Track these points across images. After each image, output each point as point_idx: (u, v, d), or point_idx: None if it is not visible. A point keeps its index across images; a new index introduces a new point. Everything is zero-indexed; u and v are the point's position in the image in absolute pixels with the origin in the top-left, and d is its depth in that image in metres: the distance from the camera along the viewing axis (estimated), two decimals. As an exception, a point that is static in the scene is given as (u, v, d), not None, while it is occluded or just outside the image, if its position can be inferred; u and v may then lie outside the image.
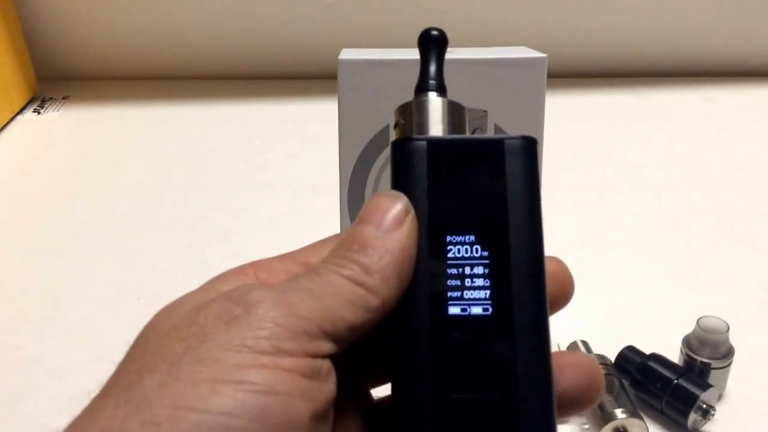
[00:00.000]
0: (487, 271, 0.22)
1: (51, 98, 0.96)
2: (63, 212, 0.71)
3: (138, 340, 0.21)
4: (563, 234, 0.65)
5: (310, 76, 0.97)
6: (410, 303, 0.22)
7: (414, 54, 0.46)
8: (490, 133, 0.46)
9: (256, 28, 0.97)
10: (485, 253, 0.22)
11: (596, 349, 0.48)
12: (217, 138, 0.86)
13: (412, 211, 0.23)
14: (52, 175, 0.79)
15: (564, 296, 0.24)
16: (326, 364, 0.21)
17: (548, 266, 0.23)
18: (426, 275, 0.22)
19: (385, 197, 0.23)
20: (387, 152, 0.46)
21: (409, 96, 0.45)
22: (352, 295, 0.21)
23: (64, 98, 0.96)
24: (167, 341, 0.20)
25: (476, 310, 0.22)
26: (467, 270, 0.22)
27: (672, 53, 1.00)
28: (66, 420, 0.20)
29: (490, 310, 0.22)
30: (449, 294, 0.22)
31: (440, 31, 0.26)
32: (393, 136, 0.25)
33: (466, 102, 0.48)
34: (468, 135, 0.25)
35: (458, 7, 0.94)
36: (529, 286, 0.22)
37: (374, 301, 0.21)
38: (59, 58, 1.00)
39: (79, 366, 0.51)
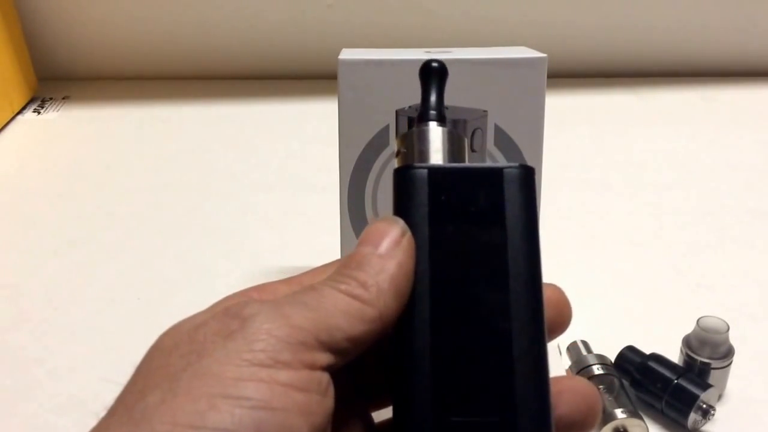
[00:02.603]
0: (485, 293, 0.22)
1: (51, 98, 0.96)
2: (63, 212, 0.71)
3: (142, 362, 0.22)
4: (563, 234, 0.65)
5: (310, 76, 0.97)
6: (411, 326, 0.22)
7: (414, 54, 0.47)
8: (490, 145, 0.46)
9: (256, 28, 0.97)
10: (484, 280, 0.23)
11: (596, 349, 0.48)
12: (217, 138, 0.86)
13: (409, 233, 0.23)
14: (52, 175, 0.79)
15: (562, 322, 0.25)
16: (325, 378, 0.21)
17: (546, 293, 0.23)
18: (427, 299, 0.22)
19: (383, 222, 0.24)
20: (387, 152, 0.46)
21: (408, 96, 0.45)
22: (348, 306, 0.22)
23: (64, 98, 0.96)
24: (169, 359, 0.21)
25: (477, 330, 0.22)
26: (467, 293, 0.22)
27: (672, 53, 1.00)
28: (66, 421, 0.20)
29: (489, 330, 0.22)
30: (449, 316, 0.22)
31: (440, 62, 0.27)
32: (395, 164, 0.26)
33: (466, 102, 0.48)
34: (468, 163, 0.25)
35: (458, 7, 0.94)
36: (527, 310, 0.22)
37: (371, 312, 0.22)
38: (59, 58, 1.00)
39: (79, 366, 0.51)
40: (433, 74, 0.27)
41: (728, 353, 0.46)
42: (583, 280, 0.59)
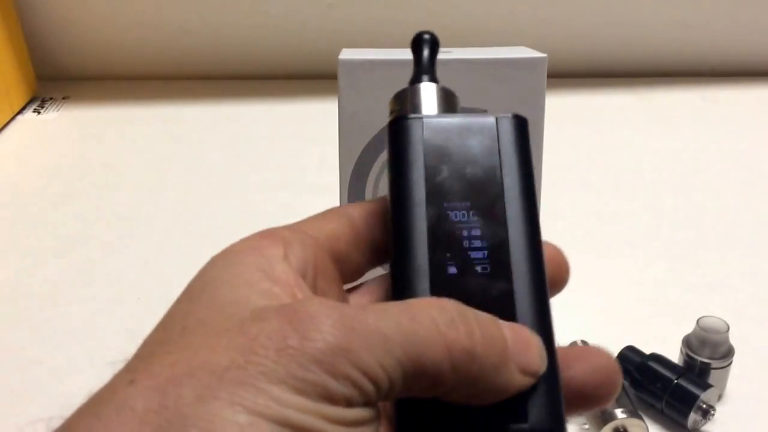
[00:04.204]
0: (483, 233, 0.23)
1: (51, 98, 0.96)
2: (63, 212, 0.71)
3: (189, 301, 0.20)
4: (563, 234, 0.65)
5: (310, 76, 0.97)
6: (410, 266, 0.22)
7: (414, 54, 0.46)
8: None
9: (256, 28, 0.97)
10: (482, 220, 0.23)
11: (596, 349, 0.48)
12: (217, 138, 0.86)
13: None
14: (52, 175, 0.79)
15: (560, 279, 0.24)
16: (375, 414, 0.19)
17: (546, 251, 0.23)
18: (425, 251, 0.23)
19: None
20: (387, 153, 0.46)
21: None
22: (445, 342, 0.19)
23: (64, 98, 0.96)
24: (213, 342, 0.19)
25: (475, 270, 0.22)
26: (465, 233, 0.23)
27: (672, 53, 1.00)
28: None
29: (488, 269, 0.22)
30: (447, 254, 0.22)
31: (431, 34, 0.27)
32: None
33: (466, 102, 0.48)
34: (462, 114, 0.25)
35: (458, 7, 0.94)
36: (526, 256, 0.22)
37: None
38: (59, 58, 1.00)
39: (79, 366, 0.51)
40: (424, 44, 0.27)
41: (728, 353, 0.46)
42: (583, 279, 0.59)
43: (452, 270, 0.22)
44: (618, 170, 0.78)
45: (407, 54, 0.45)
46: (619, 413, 0.42)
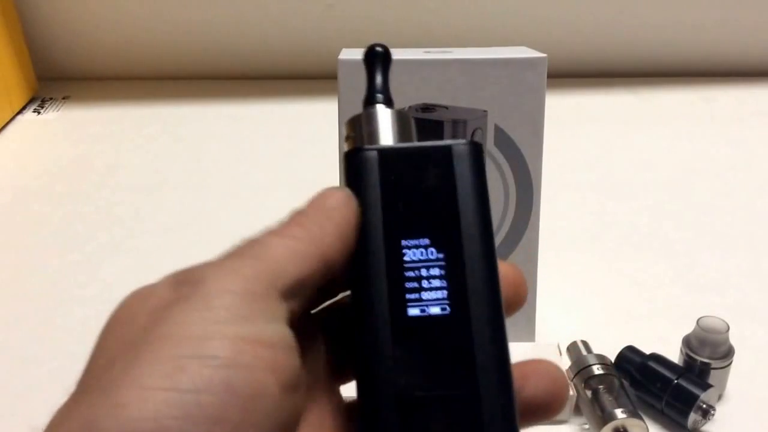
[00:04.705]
0: (443, 272, 0.23)
1: (51, 98, 0.96)
2: (63, 212, 0.71)
3: (99, 340, 0.22)
4: (564, 234, 0.65)
5: (310, 76, 0.97)
6: (369, 305, 0.23)
7: (414, 54, 0.47)
8: (490, 145, 0.46)
9: (256, 28, 0.97)
10: (440, 255, 0.23)
11: (596, 349, 0.48)
12: (217, 138, 0.86)
13: (353, 195, 0.24)
14: (52, 175, 0.79)
15: (517, 301, 0.25)
16: (287, 331, 0.21)
17: (503, 271, 0.23)
18: (383, 280, 0.23)
19: (329, 188, 0.24)
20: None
21: (408, 96, 0.45)
22: (291, 248, 0.22)
23: (64, 98, 0.96)
24: (128, 329, 0.21)
25: (435, 310, 0.22)
26: (423, 272, 0.23)
27: (672, 53, 1.00)
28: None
29: (448, 309, 0.22)
30: (408, 296, 0.22)
31: (384, 47, 0.27)
32: (344, 148, 0.26)
33: (466, 102, 0.48)
34: (417, 143, 0.25)
35: (458, 7, 0.94)
36: (482, 283, 0.23)
37: (313, 250, 0.22)
38: (59, 58, 1.00)
39: (79, 366, 0.51)
40: (377, 58, 0.27)
41: (728, 353, 0.46)
42: (583, 280, 0.60)
43: (413, 312, 0.22)
44: (618, 170, 0.78)
45: (407, 54, 0.45)
46: (619, 413, 0.42)
